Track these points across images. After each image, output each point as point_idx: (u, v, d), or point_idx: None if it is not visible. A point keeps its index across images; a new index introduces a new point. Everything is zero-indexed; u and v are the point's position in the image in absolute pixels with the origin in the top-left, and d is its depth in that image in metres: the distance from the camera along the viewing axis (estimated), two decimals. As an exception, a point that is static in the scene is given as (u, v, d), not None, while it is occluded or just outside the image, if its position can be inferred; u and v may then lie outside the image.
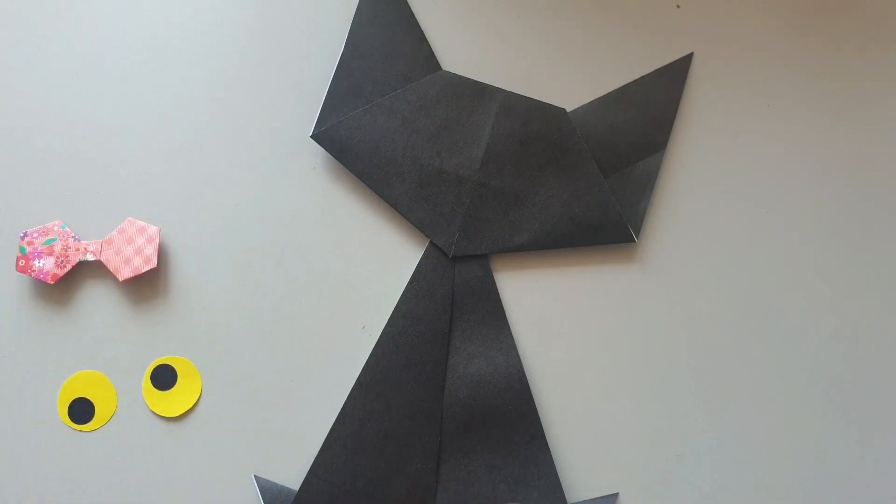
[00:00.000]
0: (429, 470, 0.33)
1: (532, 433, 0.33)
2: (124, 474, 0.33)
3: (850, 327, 0.35)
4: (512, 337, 0.34)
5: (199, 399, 0.34)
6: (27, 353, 0.33)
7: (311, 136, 0.34)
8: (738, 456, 0.34)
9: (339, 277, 0.34)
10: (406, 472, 0.33)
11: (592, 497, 0.34)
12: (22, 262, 0.33)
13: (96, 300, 0.34)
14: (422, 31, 0.35)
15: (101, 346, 0.34)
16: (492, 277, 0.34)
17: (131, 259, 0.33)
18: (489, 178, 0.34)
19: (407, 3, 0.35)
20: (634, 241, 0.34)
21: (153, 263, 0.33)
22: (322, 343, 0.34)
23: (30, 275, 0.33)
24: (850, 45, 0.36)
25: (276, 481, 0.33)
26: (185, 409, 0.33)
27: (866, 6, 0.37)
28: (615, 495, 0.34)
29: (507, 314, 0.34)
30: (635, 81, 0.35)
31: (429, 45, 0.35)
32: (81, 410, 0.33)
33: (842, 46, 0.36)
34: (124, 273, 0.33)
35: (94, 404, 0.33)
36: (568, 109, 0.35)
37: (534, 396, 0.34)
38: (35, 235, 0.33)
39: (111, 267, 0.33)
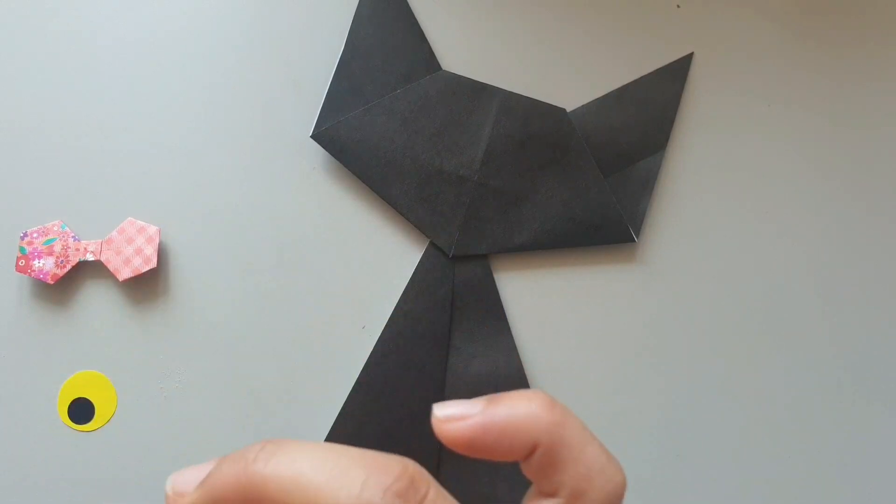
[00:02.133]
0: (429, 470, 0.33)
1: (532, 433, 0.33)
2: (124, 474, 0.33)
3: (852, 327, 0.35)
4: (512, 337, 0.34)
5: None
6: (27, 353, 0.33)
7: (311, 136, 0.34)
8: (739, 456, 0.34)
9: (339, 277, 0.34)
10: (406, 472, 0.33)
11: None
12: (22, 262, 0.33)
13: (96, 300, 0.34)
14: (422, 31, 0.35)
15: (101, 346, 0.34)
16: (492, 277, 0.34)
17: (131, 259, 0.33)
18: (489, 178, 0.34)
19: (407, 2, 0.35)
20: (634, 241, 0.34)
21: (153, 263, 0.33)
22: (322, 343, 0.34)
23: (29, 275, 0.33)
24: (852, 45, 0.36)
25: (276, 481, 0.33)
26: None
27: (867, 6, 0.36)
28: (615, 495, 0.34)
29: (507, 314, 0.34)
30: (635, 81, 0.35)
31: (429, 45, 0.35)
32: (81, 410, 0.33)
33: (843, 46, 0.36)
34: (124, 273, 0.33)
35: (94, 404, 0.33)
36: (568, 109, 0.35)
37: (534, 396, 0.34)
38: (35, 235, 0.33)
39: (111, 267, 0.33)
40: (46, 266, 0.33)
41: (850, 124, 0.36)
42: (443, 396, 0.33)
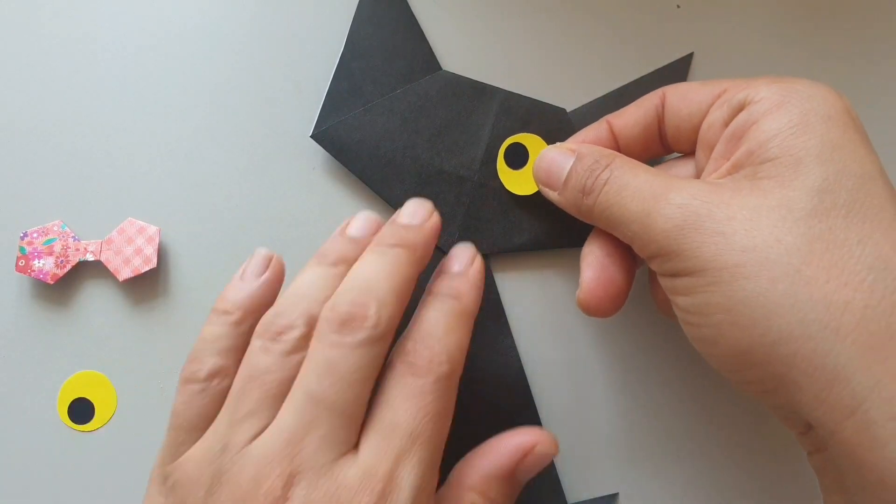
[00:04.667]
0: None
1: (532, 433, 0.33)
2: (124, 474, 0.33)
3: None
4: (512, 337, 0.34)
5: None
6: (27, 353, 0.33)
7: (311, 137, 0.34)
8: (739, 455, 0.34)
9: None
10: (406, 473, 0.33)
11: (592, 497, 0.34)
12: (21, 262, 0.33)
13: (96, 300, 0.34)
14: (422, 31, 0.35)
15: (101, 346, 0.34)
16: (492, 277, 0.34)
17: (131, 259, 0.33)
18: (489, 179, 0.34)
19: (407, 2, 0.35)
20: (634, 241, 0.34)
21: (153, 263, 0.33)
22: (322, 343, 0.34)
23: (29, 275, 0.33)
24: (852, 47, 0.36)
25: (276, 481, 0.33)
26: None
27: (868, 9, 0.36)
28: (615, 495, 0.34)
29: (507, 314, 0.34)
30: (635, 81, 0.35)
31: (429, 45, 0.35)
32: (81, 410, 0.33)
33: (843, 49, 0.36)
34: (124, 273, 0.33)
35: (94, 404, 0.33)
36: (568, 109, 0.35)
37: (534, 396, 0.34)
38: (35, 235, 0.33)
39: (111, 267, 0.33)
40: (46, 266, 0.33)
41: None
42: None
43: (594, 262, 0.30)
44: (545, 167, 0.31)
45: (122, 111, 0.35)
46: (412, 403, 0.25)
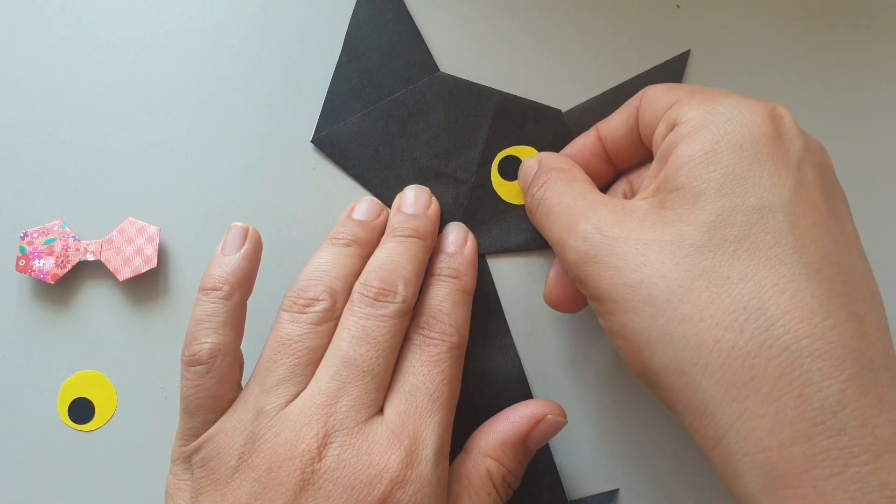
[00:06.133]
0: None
1: (531, 432, 0.33)
2: (124, 474, 0.33)
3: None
4: (511, 336, 0.34)
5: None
6: (27, 353, 0.33)
7: (311, 141, 0.34)
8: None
9: (338, 277, 0.34)
10: (406, 471, 0.33)
11: (593, 493, 0.34)
12: (22, 262, 0.33)
13: (96, 300, 0.34)
14: (419, 32, 0.35)
15: (101, 346, 0.34)
16: (491, 277, 0.35)
17: (131, 259, 0.33)
18: (486, 180, 0.35)
19: (404, 4, 0.35)
20: (631, 241, 0.35)
21: (153, 263, 0.33)
22: (322, 343, 0.34)
23: (30, 275, 0.33)
24: (851, 48, 0.36)
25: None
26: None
27: (867, 10, 0.37)
28: (615, 491, 0.34)
29: (506, 314, 0.34)
30: (630, 80, 0.35)
31: (426, 46, 0.35)
32: (81, 410, 0.33)
33: (843, 50, 0.36)
34: (124, 273, 0.33)
35: (94, 404, 0.33)
36: (564, 109, 0.35)
37: (533, 395, 0.34)
38: (35, 235, 0.33)
39: (111, 267, 0.33)
40: (46, 266, 0.33)
41: (849, 125, 0.36)
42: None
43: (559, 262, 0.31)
44: (521, 177, 0.33)
45: (123, 111, 0.35)
46: (430, 369, 0.28)
